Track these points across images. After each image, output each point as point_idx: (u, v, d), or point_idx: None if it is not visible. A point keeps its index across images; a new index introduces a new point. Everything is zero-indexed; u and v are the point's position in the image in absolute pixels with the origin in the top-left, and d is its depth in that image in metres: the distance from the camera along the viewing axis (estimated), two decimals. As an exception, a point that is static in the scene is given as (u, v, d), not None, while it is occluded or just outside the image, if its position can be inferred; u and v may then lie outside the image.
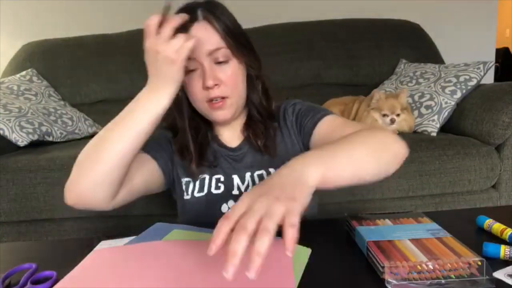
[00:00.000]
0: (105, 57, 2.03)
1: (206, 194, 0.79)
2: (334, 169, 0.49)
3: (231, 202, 0.79)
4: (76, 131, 1.82)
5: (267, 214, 0.39)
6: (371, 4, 2.30)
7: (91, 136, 1.88)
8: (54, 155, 1.43)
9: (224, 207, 0.79)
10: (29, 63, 2.01)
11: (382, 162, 0.57)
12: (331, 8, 2.26)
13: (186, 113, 0.79)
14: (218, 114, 0.76)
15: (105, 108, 2.02)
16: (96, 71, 2.01)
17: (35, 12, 2.27)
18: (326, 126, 0.76)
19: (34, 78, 1.92)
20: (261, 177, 0.80)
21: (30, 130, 1.56)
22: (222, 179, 0.80)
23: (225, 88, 0.73)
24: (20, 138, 1.52)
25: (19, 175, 1.35)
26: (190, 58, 0.70)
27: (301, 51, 2.02)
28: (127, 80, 2.03)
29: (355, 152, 0.54)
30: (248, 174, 0.80)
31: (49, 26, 2.24)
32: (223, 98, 0.74)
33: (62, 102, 1.92)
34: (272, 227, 0.38)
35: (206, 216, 0.77)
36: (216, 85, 0.72)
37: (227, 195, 0.79)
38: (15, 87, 1.79)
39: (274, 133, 0.82)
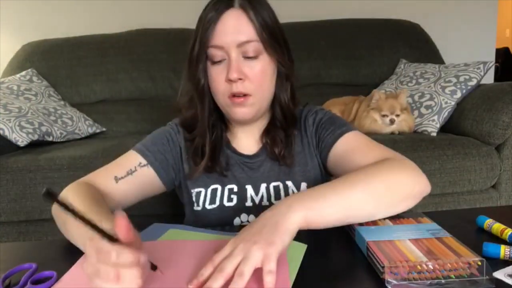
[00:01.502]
0: (105, 57, 2.03)
1: (218, 207, 0.75)
2: (320, 213, 0.51)
3: (244, 216, 0.76)
4: (76, 131, 1.82)
5: (244, 259, 0.43)
6: (371, 4, 2.30)
7: (91, 136, 1.89)
8: (54, 155, 1.43)
9: (236, 221, 0.76)
10: (29, 63, 2.01)
11: (383, 205, 0.56)
12: (331, 8, 2.26)
13: (207, 104, 0.75)
14: (238, 112, 0.71)
15: (105, 108, 2.02)
16: (96, 71, 2.01)
17: (35, 12, 2.27)
18: (347, 143, 0.71)
19: (34, 78, 1.92)
20: (276, 189, 0.76)
21: (30, 130, 1.56)
22: (235, 189, 0.76)
23: (249, 84, 0.69)
24: (20, 138, 1.52)
25: (19, 175, 1.35)
26: (217, 46, 0.67)
27: (301, 51, 2.02)
28: (127, 80, 2.03)
29: (351, 196, 0.54)
30: (263, 186, 0.76)
31: (49, 26, 2.24)
32: (245, 95, 0.69)
33: (62, 102, 1.92)
34: (247, 270, 0.42)
35: (218, 227, 0.71)
36: (240, 79, 0.68)
37: (240, 208, 0.76)
38: (15, 87, 1.79)
39: (293, 141, 0.77)
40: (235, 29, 0.67)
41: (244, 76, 0.68)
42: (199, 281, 0.44)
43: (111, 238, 0.41)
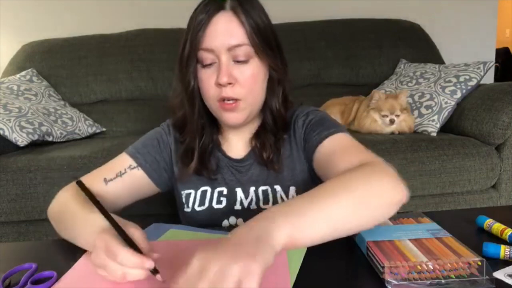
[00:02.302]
0: (105, 57, 2.03)
1: (207, 208, 0.76)
2: (305, 230, 0.44)
3: (232, 218, 0.76)
4: (76, 131, 1.82)
5: (220, 278, 0.35)
6: (371, 4, 2.30)
7: (91, 136, 1.89)
8: (54, 155, 1.43)
9: (225, 223, 0.76)
10: (29, 63, 2.01)
11: (369, 215, 0.50)
12: (331, 8, 2.26)
13: (197, 106, 0.73)
14: (229, 117, 0.70)
15: (105, 108, 2.02)
16: (96, 71, 2.01)
17: (35, 12, 2.27)
18: (332, 145, 0.68)
19: (34, 78, 1.92)
20: (265, 193, 0.75)
21: (30, 130, 1.56)
22: (224, 192, 0.76)
23: (240, 89, 0.67)
24: (20, 138, 1.52)
25: (19, 175, 1.35)
26: (207, 49, 0.66)
27: (301, 51, 2.02)
28: (127, 80, 2.02)
29: (335, 208, 0.47)
30: (252, 189, 0.76)
31: (49, 26, 2.24)
32: (235, 100, 0.68)
33: (62, 102, 1.92)
34: None
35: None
36: (230, 83, 0.66)
37: (229, 210, 0.76)
38: (15, 87, 1.79)
39: (282, 146, 0.76)
40: (226, 33, 0.66)
41: (234, 80, 0.67)
42: None
43: (125, 236, 0.47)
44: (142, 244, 0.48)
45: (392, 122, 1.55)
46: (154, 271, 0.46)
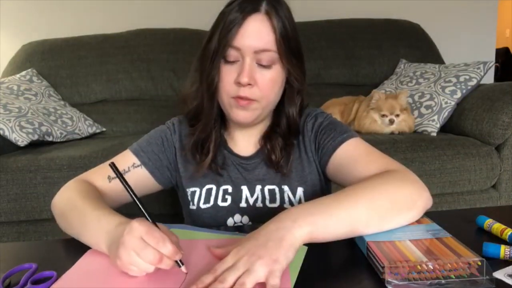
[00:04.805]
0: (105, 57, 2.03)
1: (212, 206, 0.76)
2: (325, 229, 0.51)
3: (237, 216, 0.76)
4: (76, 131, 1.82)
5: (247, 272, 0.44)
6: (371, 4, 2.30)
7: (91, 136, 1.89)
8: (54, 155, 1.43)
9: (230, 221, 0.76)
10: (29, 63, 2.02)
11: (387, 221, 0.56)
12: (331, 8, 2.26)
13: (216, 102, 0.74)
14: (239, 114, 0.71)
15: (105, 108, 2.02)
16: (96, 71, 2.02)
17: (35, 12, 2.27)
18: (348, 151, 0.71)
19: (34, 78, 1.92)
20: (272, 192, 0.76)
21: (30, 130, 1.56)
22: (230, 190, 0.77)
23: (257, 91, 0.68)
24: (20, 138, 1.52)
25: (19, 175, 1.35)
26: (235, 47, 0.67)
27: (301, 51, 2.01)
28: (127, 80, 2.03)
29: (356, 212, 0.54)
30: (258, 187, 0.77)
31: (49, 26, 2.24)
32: (251, 100, 0.69)
33: (62, 102, 1.92)
34: (249, 283, 0.43)
35: (212, 227, 0.71)
36: (249, 84, 0.67)
37: (234, 208, 0.76)
38: (15, 87, 1.79)
39: (291, 151, 0.77)
40: (256, 35, 0.67)
41: (254, 82, 0.68)
42: None
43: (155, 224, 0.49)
44: (170, 237, 0.50)
45: (391, 122, 1.55)
46: (181, 262, 0.48)
